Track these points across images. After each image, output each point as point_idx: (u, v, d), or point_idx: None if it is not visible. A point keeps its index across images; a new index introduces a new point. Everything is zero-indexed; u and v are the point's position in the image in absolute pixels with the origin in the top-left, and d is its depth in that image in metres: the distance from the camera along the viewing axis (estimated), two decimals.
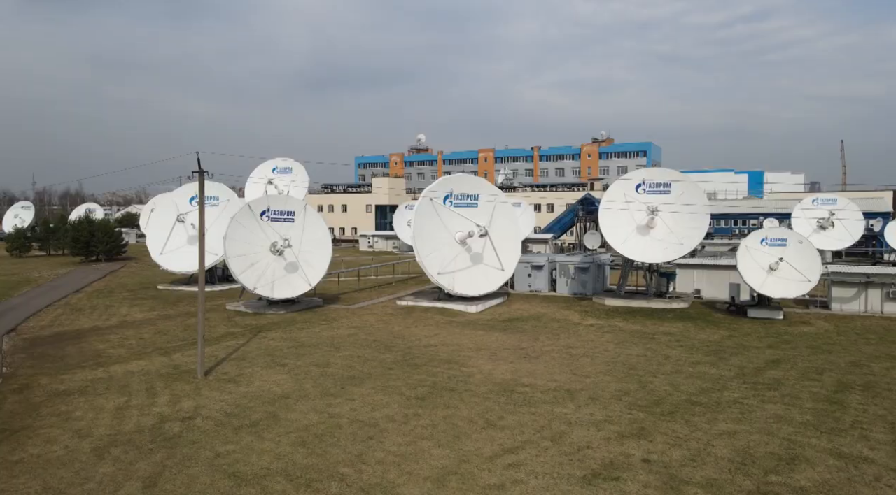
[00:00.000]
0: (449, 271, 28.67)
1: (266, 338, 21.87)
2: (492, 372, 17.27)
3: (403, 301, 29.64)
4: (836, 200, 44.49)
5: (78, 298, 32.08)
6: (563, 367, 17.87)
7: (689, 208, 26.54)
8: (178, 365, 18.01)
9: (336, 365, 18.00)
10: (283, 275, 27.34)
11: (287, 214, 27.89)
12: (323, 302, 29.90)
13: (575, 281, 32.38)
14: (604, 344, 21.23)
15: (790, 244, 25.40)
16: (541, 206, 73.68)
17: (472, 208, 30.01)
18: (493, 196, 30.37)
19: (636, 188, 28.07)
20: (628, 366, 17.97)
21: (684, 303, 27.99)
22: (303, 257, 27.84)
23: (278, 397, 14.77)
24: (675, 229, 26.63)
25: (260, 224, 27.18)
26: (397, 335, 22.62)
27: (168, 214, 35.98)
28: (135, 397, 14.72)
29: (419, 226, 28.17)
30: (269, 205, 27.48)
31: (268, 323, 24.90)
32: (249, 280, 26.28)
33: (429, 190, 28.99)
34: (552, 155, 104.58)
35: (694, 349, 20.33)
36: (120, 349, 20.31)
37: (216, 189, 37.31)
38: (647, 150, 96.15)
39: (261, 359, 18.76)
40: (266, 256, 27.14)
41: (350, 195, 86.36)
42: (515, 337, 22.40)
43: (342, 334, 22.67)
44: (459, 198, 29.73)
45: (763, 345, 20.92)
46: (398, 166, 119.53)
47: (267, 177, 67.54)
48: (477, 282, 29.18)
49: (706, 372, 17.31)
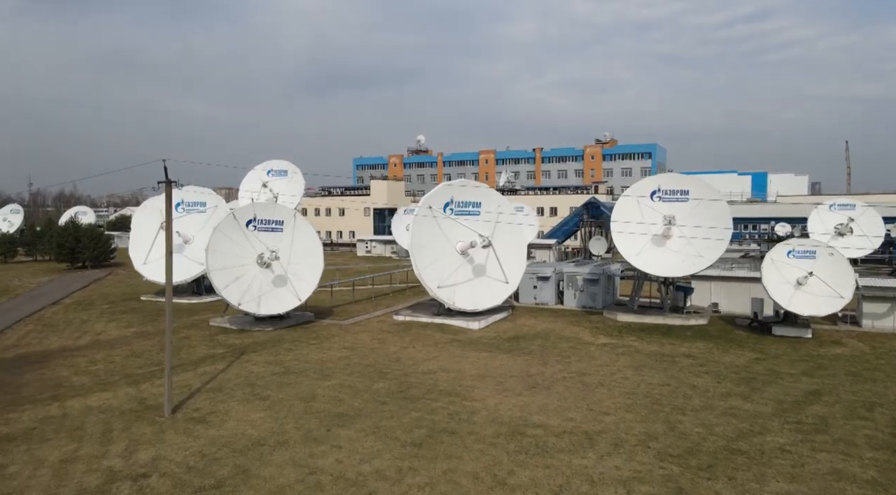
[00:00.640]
0: (449, 284, 26.68)
1: (249, 363, 19.87)
2: (498, 407, 15.29)
3: (400, 315, 27.66)
4: (854, 206, 42.54)
5: (53, 312, 30.09)
6: (577, 401, 15.89)
7: (709, 217, 24.55)
8: (144, 398, 16.00)
9: (323, 398, 16.01)
10: (271, 289, 25.34)
11: (275, 224, 25.90)
12: (314, 316, 27.90)
13: (584, 293, 30.39)
14: (620, 369, 19.24)
15: (820, 257, 23.42)
16: (543, 210, 71.73)
17: (474, 217, 28.02)
18: (496, 204, 28.38)
19: (651, 195, 26.07)
20: (651, 400, 15.98)
21: (702, 318, 25.99)
22: (292, 270, 25.85)
23: (253, 443, 12.77)
24: (693, 240, 24.63)
25: (245, 234, 25.19)
26: (393, 358, 20.63)
27: (152, 221, 33.97)
28: (86, 444, 12.72)
29: (417, 236, 26.19)
30: (255, 213, 25.49)
31: (253, 342, 22.91)
32: (234, 295, 24.29)
33: (428, 197, 27.00)
34: (554, 157, 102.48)
35: (721, 376, 18.34)
36: (84, 376, 18.31)
37: (202, 195, 35.34)
38: (653, 152, 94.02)
39: (239, 390, 16.77)
40: (252, 269, 25.16)
41: (347, 198, 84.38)
42: (522, 360, 20.41)
43: (332, 357, 20.68)
44: (460, 206, 27.75)
45: (797, 372, 18.93)
46: (397, 168, 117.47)
47: (262, 180, 65.92)
48: (479, 296, 27.19)
49: (740, 408, 15.32)
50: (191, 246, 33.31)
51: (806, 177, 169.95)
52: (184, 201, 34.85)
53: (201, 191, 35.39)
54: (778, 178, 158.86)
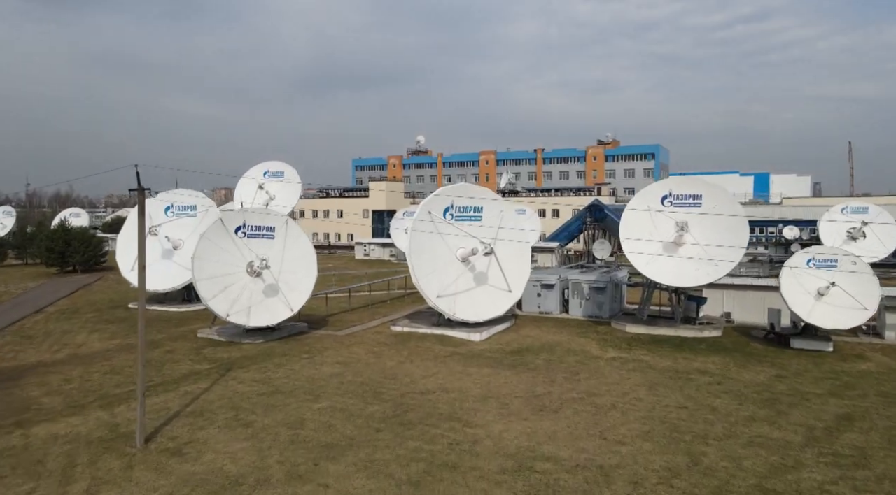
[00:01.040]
0: (449, 293, 25.38)
1: (235, 381, 18.56)
2: (503, 435, 13.98)
3: (398, 326, 26.36)
4: (867, 209, 41.23)
5: (35, 321, 28.77)
6: (589, 427, 14.59)
7: (725, 223, 23.25)
8: (117, 424, 14.69)
9: (312, 424, 14.70)
10: (262, 299, 24.03)
11: (266, 230, 24.59)
12: (308, 327, 26.58)
13: (590, 302, 29.08)
14: (633, 387, 17.93)
15: (842, 265, 22.12)
16: (545, 212, 70.43)
17: (476, 222, 26.73)
18: (498, 209, 27.10)
19: (662, 200, 24.77)
20: (670, 426, 14.67)
21: (716, 330, 24.68)
22: (284, 278, 24.54)
23: (230, 482, 11.46)
24: (708, 247, 23.31)
25: (234, 241, 23.88)
26: (389, 374, 19.33)
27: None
28: (43, 484, 11.40)
29: (416, 243, 24.88)
30: (244, 219, 24.18)
31: (241, 356, 21.59)
32: (221, 306, 22.98)
33: (427, 203, 25.70)
34: (556, 157, 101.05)
35: (742, 397, 17.03)
36: (56, 397, 17.00)
37: (193, 198, 34.04)
38: (656, 153, 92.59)
39: (222, 413, 15.46)
40: (241, 278, 23.84)
41: (346, 199, 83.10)
42: (527, 377, 19.10)
43: (325, 374, 19.36)
44: (461, 211, 26.45)
45: (823, 391, 17.62)
46: (397, 169, 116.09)
47: (258, 182, 64.61)
48: (481, 306, 25.89)
49: (767, 436, 14.01)
50: (181, 251, 32.06)
51: (808, 178, 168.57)
52: (174, 205, 33.57)
53: (192, 194, 34.10)
54: (780, 179, 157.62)
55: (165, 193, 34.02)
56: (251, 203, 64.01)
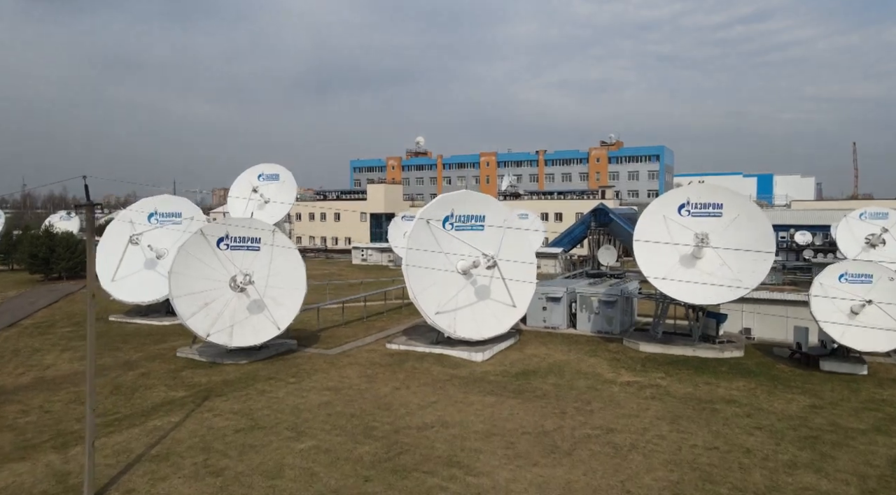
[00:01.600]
0: (449, 309, 23.55)
1: (211, 412, 16.71)
2: (510, 486, 12.13)
3: (394, 343, 24.52)
4: (887, 214, 39.30)
5: (6, 337, 26.92)
6: (608, 474, 12.74)
7: (749, 234, 21.41)
8: (68, 473, 12.83)
9: (292, 471, 12.85)
10: (246, 316, 22.19)
11: (251, 242, 22.75)
12: (297, 344, 24.74)
13: (599, 316, 27.23)
14: (653, 422, 16.08)
15: (878, 281, 20.28)
16: (548, 215, 68.56)
17: (478, 232, 24.92)
18: (502, 217, 25.27)
19: (679, 209, 22.92)
20: (700, 474, 12.82)
21: (737, 349, 22.83)
22: (270, 293, 22.70)
23: None
24: (729, 261, 21.47)
25: (216, 254, 22.03)
26: (383, 403, 17.48)
27: (123, 233, 30.78)
28: None
29: (413, 256, 23.05)
30: (227, 230, 22.32)
31: (222, 381, 19.74)
32: (201, 325, 21.13)
33: (425, 211, 23.87)
34: (558, 159, 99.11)
35: (778, 434, 15.18)
36: (7, 434, 15.16)
37: (178, 205, 32.20)
38: (661, 155, 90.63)
39: (190, 457, 13.60)
40: (224, 294, 22.00)
41: (343, 202, 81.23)
42: (535, 407, 17.25)
43: (312, 403, 17.52)
44: (462, 220, 24.63)
45: (867, 427, 15.77)
46: (396, 171, 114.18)
47: (252, 185, 62.74)
48: (483, 323, 24.07)
49: (816, 489, 12.16)
50: (164, 261, 30.19)
51: (812, 179, 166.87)
52: (157, 211, 31.71)
53: (176, 201, 32.26)
54: (784, 180, 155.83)
55: (149, 199, 32.19)
56: (244, 207, 62.27)
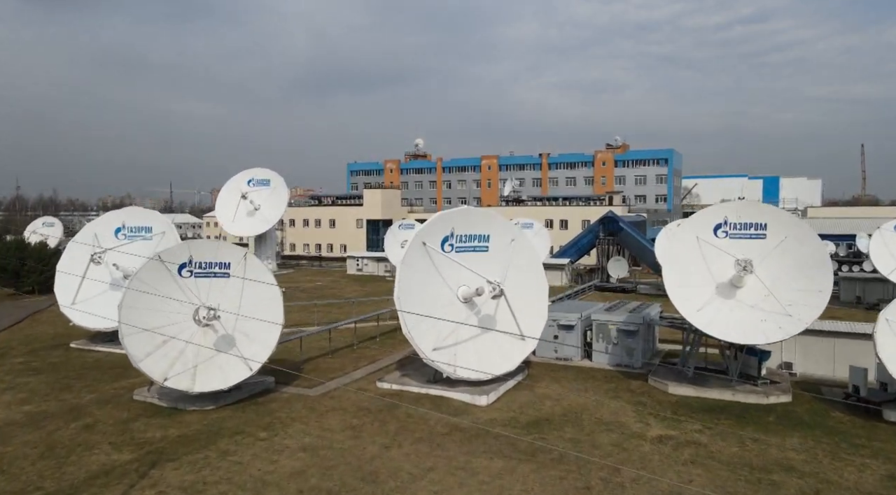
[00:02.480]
0: (449, 344, 20.47)
1: (154, 489, 13.59)
2: None
3: (386, 382, 21.44)
4: None
5: None
6: None
7: (799, 260, 18.32)
8: None
9: None
10: (212, 355, 19.09)
11: (219, 267, 19.64)
12: (274, 382, 21.63)
13: (618, 347, 24.13)
14: None
15: None
16: (552, 222, 65.45)
17: (481, 254, 21.84)
18: (509, 237, 22.19)
19: (715, 230, 19.81)
20: None
21: (784, 393, 19.68)
22: (242, 327, 19.61)
23: None
24: (777, 291, 18.35)
25: (178, 283, 18.92)
26: (367, 473, 14.39)
27: (84, 251, 27.67)
28: None
29: (406, 282, 19.99)
30: (190, 254, 19.19)
31: (179, 436, 16.63)
32: (158, 367, 18.03)
33: (421, 231, 20.79)
34: (562, 163, 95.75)
35: None
36: None
37: (148, 218, 29.11)
38: (669, 158, 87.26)
39: None
40: (186, 329, 18.91)
41: (339, 208, 78.10)
42: (552, 479, 14.16)
43: (282, 471, 14.42)
44: (463, 241, 21.56)
45: None
46: (394, 174, 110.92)
47: (241, 191, 59.73)
48: (487, 358, 20.98)
49: None
50: None
51: (819, 182, 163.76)
52: (125, 225, 28.62)
53: (146, 214, 29.18)
54: (790, 182, 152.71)
55: (116, 212, 29.14)
56: (233, 214, 59.26)
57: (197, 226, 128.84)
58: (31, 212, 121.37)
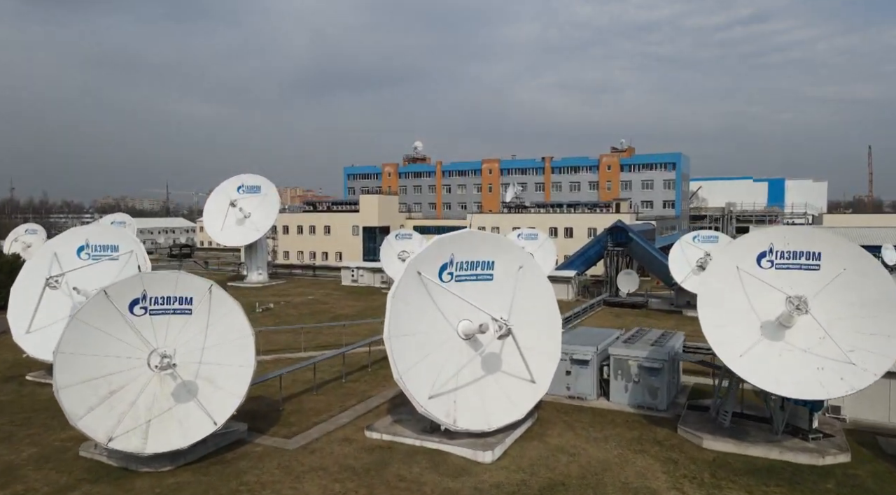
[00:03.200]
0: (448, 390, 17.65)
1: None
2: None
3: (375, 430, 18.61)
4: None
5: None
6: None
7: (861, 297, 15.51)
8: None
9: None
10: (170, 405, 16.25)
11: (179, 303, 16.81)
12: (247, 429, 18.80)
13: (639, 385, 21.30)
14: None
15: None
16: (556, 230, 62.63)
17: (485, 283, 19.03)
18: (518, 262, 19.37)
19: (758, 259, 16.99)
20: None
21: (841, 451, 16.80)
22: (206, 373, 16.78)
23: None
24: (835, 334, 15.53)
25: (128, 322, 16.09)
26: None
27: (40, 273, 24.84)
28: None
29: (397, 319, 17.17)
30: (144, 289, 16.35)
31: None
32: (101, 425, 15.19)
33: (416, 260, 17.95)
34: (566, 167, 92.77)
35: None
36: None
37: (114, 236, 26.28)
38: (677, 162, 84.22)
39: None
40: (139, 376, 16.09)
41: (334, 214, 75.24)
42: None
43: None
44: (464, 269, 18.74)
45: None
46: (392, 178, 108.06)
47: (230, 198, 56.91)
48: (492, 405, 18.21)
49: None
50: None
51: (825, 184, 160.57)
52: (89, 243, 25.77)
53: (112, 232, 26.37)
54: (796, 185, 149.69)
55: (79, 229, 26.33)
56: (222, 223, 56.40)
57: (190, 230, 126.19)
58: (21, 214, 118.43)
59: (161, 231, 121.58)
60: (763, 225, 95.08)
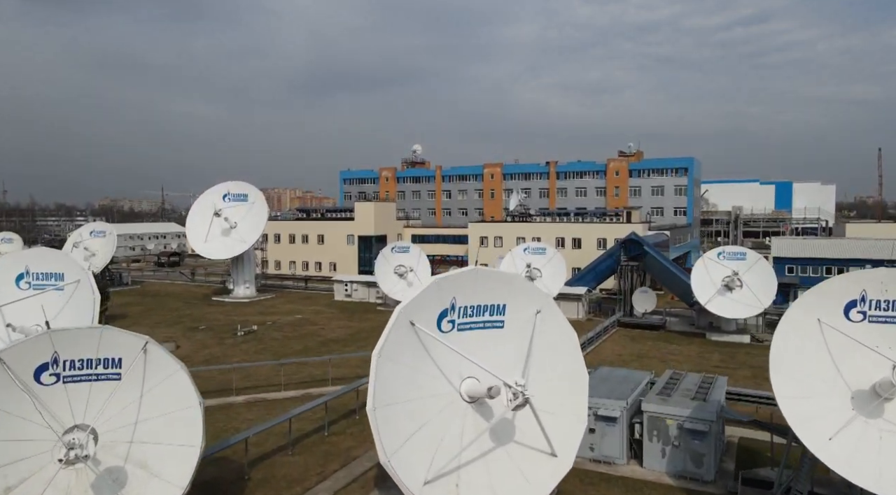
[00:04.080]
0: (450, 470, 13.98)
1: None
2: None
3: None
4: None
5: None
6: None
7: None
8: None
9: None
10: None
11: (104, 366, 13.11)
12: None
13: (679, 449, 17.63)
14: None
15: None
16: (564, 241, 58.90)
17: (496, 331, 15.36)
18: (535, 306, 15.71)
19: (846, 310, 13.32)
20: None
21: None
22: (139, 456, 13.11)
23: None
24: None
25: (31, 395, 12.39)
26: None
27: None
28: None
29: (384, 385, 13.49)
30: (55, 350, 12.65)
31: None
32: None
33: (409, 306, 14.21)
34: (572, 172, 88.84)
35: None
36: None
37: (59, 263, 22.60)
38: (689, 167, 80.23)
39: None
40: (49, 465, 12.40)
41: (328, 223, 71.47)
42: None
43: None
44: (469, 315, 15.05)
45: None
46: (390, 183, 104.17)
47: (215, 208, 53.32)
48: (503, 485, 14.53)
49: None
50: None
51: (833, 187, 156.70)
52: (29, 271, 22.14)
53: (56, 257, 22.70)
54: (803, 188, 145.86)
55: (20, 254, 22.69)
56: (206, 233, 52.68)
57: (182, 235, 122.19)
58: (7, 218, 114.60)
59: (152, 237, 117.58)
60: (773, 234, 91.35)
